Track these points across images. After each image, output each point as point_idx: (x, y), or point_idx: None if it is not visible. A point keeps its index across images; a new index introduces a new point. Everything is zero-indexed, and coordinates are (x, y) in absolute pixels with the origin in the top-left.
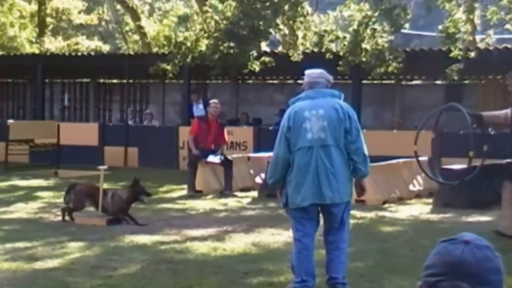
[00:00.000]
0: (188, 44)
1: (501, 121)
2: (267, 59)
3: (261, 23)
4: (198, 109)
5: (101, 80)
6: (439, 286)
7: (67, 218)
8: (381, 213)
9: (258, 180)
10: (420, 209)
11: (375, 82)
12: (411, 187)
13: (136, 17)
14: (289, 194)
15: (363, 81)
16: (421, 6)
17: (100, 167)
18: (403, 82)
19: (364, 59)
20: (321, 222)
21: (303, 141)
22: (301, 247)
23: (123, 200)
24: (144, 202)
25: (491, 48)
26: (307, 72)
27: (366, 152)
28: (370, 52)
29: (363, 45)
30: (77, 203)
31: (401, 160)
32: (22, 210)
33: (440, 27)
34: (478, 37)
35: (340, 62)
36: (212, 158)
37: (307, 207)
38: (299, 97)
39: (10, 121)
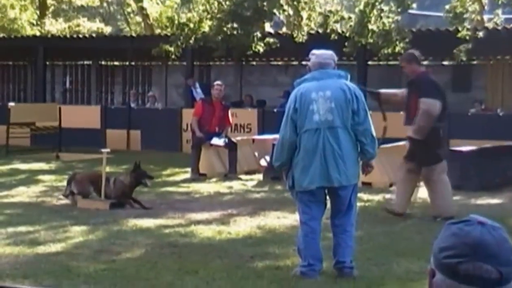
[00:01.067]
0: (191, 25)
1: (399, 99)
2: (271, 40)
3: (265, 3)
4: (197, 93)
5: (103, 62)
6: (462, 268)
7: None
8: (388, 196)
9: (263, 162)
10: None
11: (380, 63)
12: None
13: None
14: (295, 177)
15: (369, 62)
16: None
17: (103, 150)
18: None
19: (370, 40)
20: (328, 205)
21: (310, 123)
22: (308, 230)
23: (126, 185)
24: (148, 186)
25: (499, 27)
26: (316, 52)
27: (374, 134)
28: (376, 33)
29: (370, 26)
30: (81, 191)
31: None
32: (23, 194)
33: (447, 6)
34: (486, 17)
35: (346, 44)
36: (216, 141)
37: (314, 190)
38: (305, 78)
39: (11, 104)
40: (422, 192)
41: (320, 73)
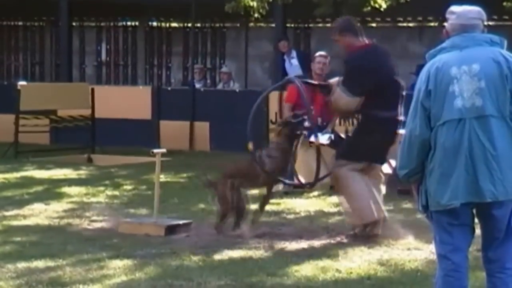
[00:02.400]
0: None
1: None
2: None
3: None
4: (292, 66)
5: (155, 23)
6: None
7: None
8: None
9: (385, 169)
10: None
11: None
12: None
13: None
14: (430, 190)
15: None
16: None
17: (155, 150)
18: None
19: None
20: (478, 231)
21: (450, 111)
22: (448, 267)
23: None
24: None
25: None
26: (457, 10)
27: None
28: None
29: None
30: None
31: None
32: (41, 214)
33: None
34: None
35: None
36: (318, 138)
37: (458, 208)
38: (442, 46)
39: (22, 83)
40: None
41: (464, 39)
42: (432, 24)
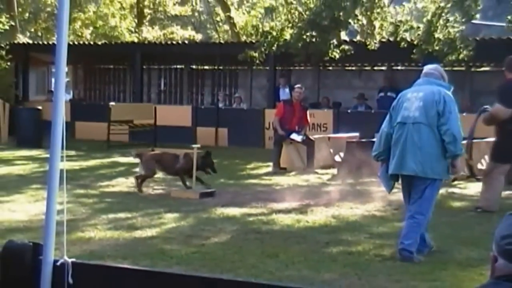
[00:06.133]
0: (274, 33)
1: None
2: (346, 47)
3: (341, 14)
4: (285, 93)
5: (194, 66)
6: None
7: (144, 189)
8: (451, 190)
9: (337, 158)
10: None
11: (446, 69)
12: (479, 166)
13: (226, 8)
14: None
15: None
16: None
17: (193, 145)
18: (473, 69)
19: (436, 47)
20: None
21: (400, 118)
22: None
23: (191, 164)
24: (209, 173)
25: None
26: (425, 67)
27: (459, 134)
28: (442, 41)
29: (436, 35)
30: (147, 170)
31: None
32: (122, 184)
33: (509, 17)
34: None
35: (414, 51)
36: (295, 136)
37: (395, 175)
38: (413, 85)
39: (112, 103)
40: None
41: (422, 80)
42: (367, 68)
